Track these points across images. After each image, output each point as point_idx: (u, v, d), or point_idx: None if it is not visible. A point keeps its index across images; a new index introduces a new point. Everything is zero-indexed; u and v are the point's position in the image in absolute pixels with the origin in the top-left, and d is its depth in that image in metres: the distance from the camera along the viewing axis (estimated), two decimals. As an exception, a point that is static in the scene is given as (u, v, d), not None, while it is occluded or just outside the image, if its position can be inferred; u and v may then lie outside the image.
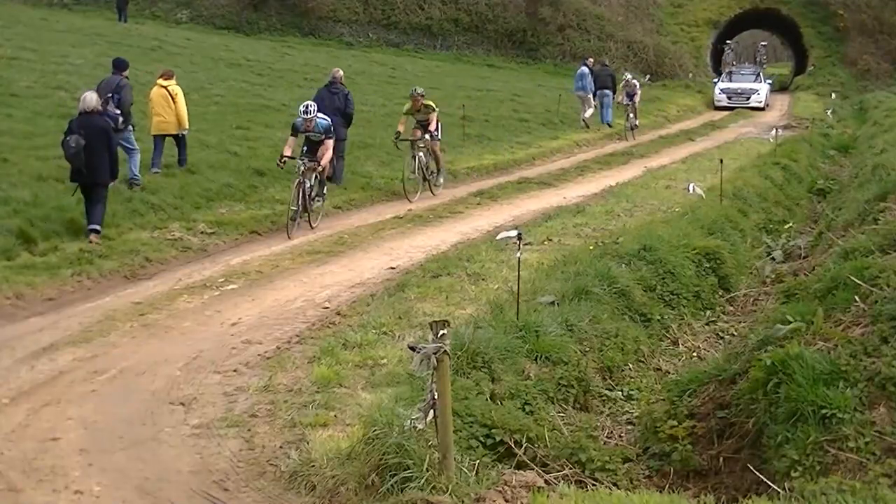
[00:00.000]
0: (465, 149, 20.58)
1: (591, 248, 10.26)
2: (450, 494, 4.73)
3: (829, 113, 30.10)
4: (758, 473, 5.27)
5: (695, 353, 8.50)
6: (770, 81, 38.92)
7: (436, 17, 44.95)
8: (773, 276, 10.65)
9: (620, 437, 6.64)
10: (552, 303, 8.00)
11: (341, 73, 16.34)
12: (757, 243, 12.44)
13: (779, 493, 4.75)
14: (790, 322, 6.41)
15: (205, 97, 20.92)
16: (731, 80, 38.32)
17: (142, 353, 7.54)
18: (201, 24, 42.37)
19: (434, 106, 15.91)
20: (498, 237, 8.81)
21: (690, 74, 44.30)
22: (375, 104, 24.74)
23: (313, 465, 5.32)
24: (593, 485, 5.48)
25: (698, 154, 21.87)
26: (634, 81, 26.13)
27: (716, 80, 39.78)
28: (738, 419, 5.90)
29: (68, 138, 11.05)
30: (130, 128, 13.40)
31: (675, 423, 6.19)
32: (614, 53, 41.80)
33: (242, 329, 8.22)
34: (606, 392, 7.31)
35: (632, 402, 7.28)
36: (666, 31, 47.40)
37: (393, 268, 10.49)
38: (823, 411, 5.15)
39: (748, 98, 36.10)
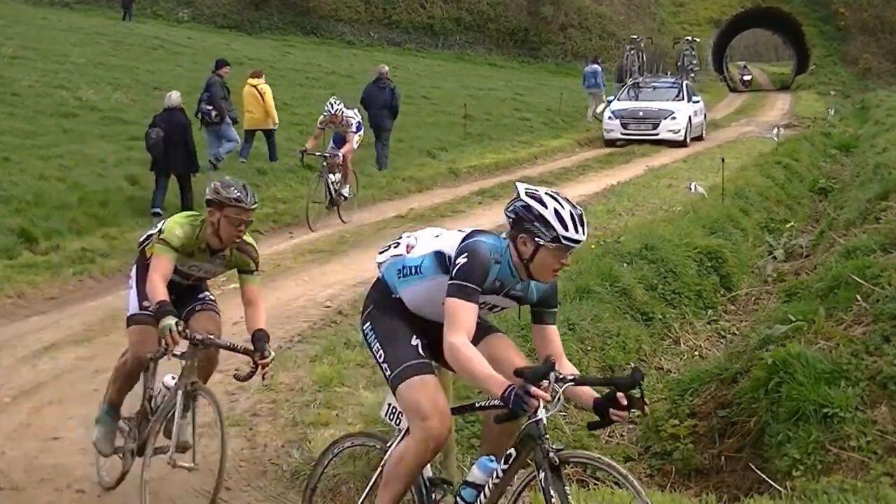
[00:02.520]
0: (466, 148, 20.59)
1: (593, 246, 10.24)
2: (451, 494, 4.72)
3: (830, 112, 30.05)
4: (759, 472, 5.27)
5: (696, 352, 8.49)
6: (698, 99, 25.86)
7: (437, 16, 44.96)
8: (774, 275, 10.64)
9: (622, 436, 6.64)
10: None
11: (386, 69, 17.91)
12: (758, 242, 12.43)
13: (780, 492, 4.75)
14: (792, 321, 6.41)
15: (206, 96, 20.92)
16: (636, 97, 25.49)
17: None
18: (203, 24, 42.39)
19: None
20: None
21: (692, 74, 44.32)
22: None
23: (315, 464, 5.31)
24: (595, 484, 5.48)
25: (700, 153, 21.85)
26: (350, 114, 13.29)
27: (611, 97, 25.89)
28: (740, 418, 5.90)
29: (150, 130, 12.44)
30: (229, 121, 15.07)
31: (676, 421, 6.19)
32: (616, 52, 41.80)
33: (244, 328, 8.19)
34: (608, 391, 7.30)
35: (633, 401, 7.26)
36: (667, 30, 47.36)
37: (395, 267, 10.47)
38: (825, 410, 5.15)
39: (656, 126, 23.35)
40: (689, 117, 23.98)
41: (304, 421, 5.98)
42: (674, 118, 23.57)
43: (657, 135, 23.18)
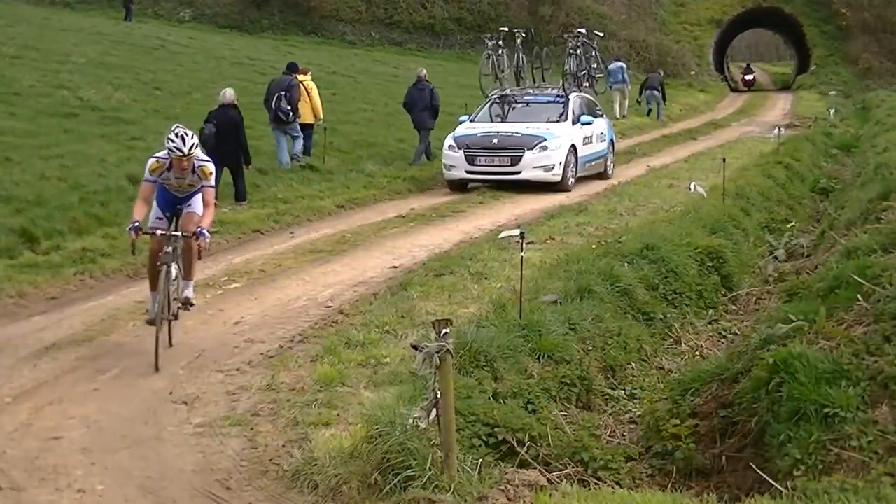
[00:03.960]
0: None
1: (594, 246, 10.24)
2: (452, 493, 4.72)
3: (831, 112, 30.01)
4: (760, 472, 5.27)
5: (697, 352, 8.49)
6: (591, 120, 17.30)
7: (438, 16, 44.98)
8: (775, 275, 10.63)
9: (623, 436, 6.64)
10: (555, 302, 7.99)
11: (425, 72, 19.02)
12: (759, 242, 12.42)
13: (781, 491, 4.74)
14: (793, 321, 6.40)
15: (207, 96, 20.92)
16: (503, 117, 17.33)
17: (144, 353, 7.54)
18: (204, 23, 42.40)
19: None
20: (500, 236, 8.81)
21: (693, 73, 44.42)
22: (378, 103, 24.80)
23: (316, 464, 5.31)
24: (596, 484, 5.47)
25: (700, 153, 21.85)
26: (205, 158, 7.91)
27: (463, 117, 17.61)
28: (741, 418, 5.89)
29: (204, 126, 13.16)
30: (296, 119, 15.99)
31: (677, 421, 6.18)
32: (617, 52, 41.79)
33: (245, 328, 8.22)
34: (609, 391, 7.30)
35: (634, 400, 7.27)
36: (668, 30, 47.39)
37: (396, 267, 10.49)
38: (826, 410, 5.15)
39: (516, 160, 15.85)
40: (573, 147, 16.32)
41: (304, 421, 5.97)
42: (545, 148, 15.86)
43: (518, 173, 15.83)
